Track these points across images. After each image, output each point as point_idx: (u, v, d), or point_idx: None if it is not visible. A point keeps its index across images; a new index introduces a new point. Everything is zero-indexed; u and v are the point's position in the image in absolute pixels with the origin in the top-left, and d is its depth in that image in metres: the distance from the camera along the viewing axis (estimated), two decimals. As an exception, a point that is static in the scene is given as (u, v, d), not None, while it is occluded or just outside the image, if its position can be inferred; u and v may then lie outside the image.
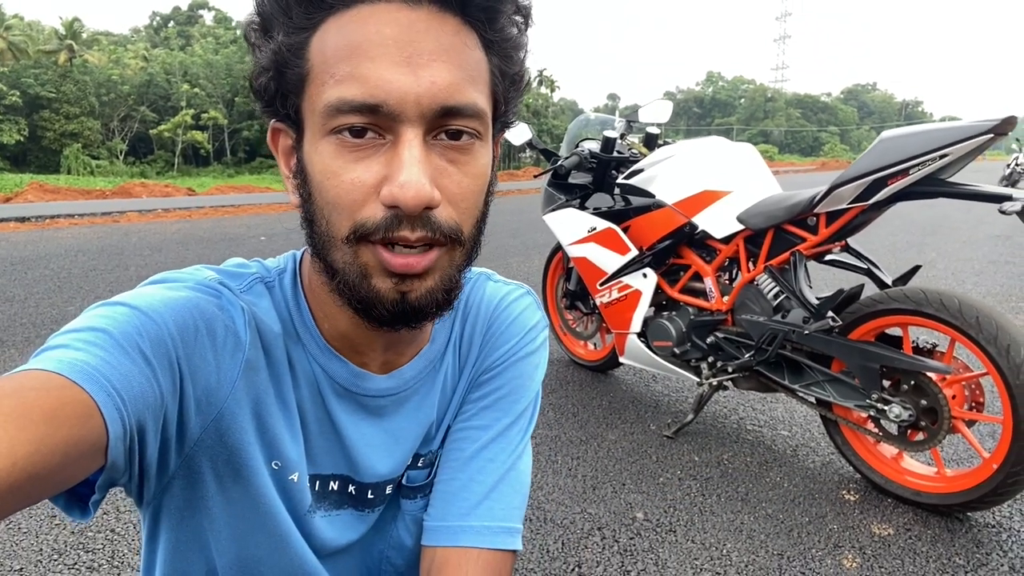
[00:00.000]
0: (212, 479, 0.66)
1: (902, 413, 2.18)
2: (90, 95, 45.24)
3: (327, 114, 0.55)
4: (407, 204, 0.54)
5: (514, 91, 0.65)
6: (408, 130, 0.55)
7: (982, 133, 1.93)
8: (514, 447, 0.79)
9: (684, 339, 2.82)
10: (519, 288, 0.87)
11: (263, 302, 0.69)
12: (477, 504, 0.75)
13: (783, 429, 2.94)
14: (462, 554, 0.72)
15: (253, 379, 0.66)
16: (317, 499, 0.74)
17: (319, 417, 0.72)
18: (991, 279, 6.20)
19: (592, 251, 3.01)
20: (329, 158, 0.56)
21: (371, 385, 0.73)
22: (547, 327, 0.87)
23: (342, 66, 0.55)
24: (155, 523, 0.71)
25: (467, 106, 0.57)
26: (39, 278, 6.02)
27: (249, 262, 0.73)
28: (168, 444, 0.60)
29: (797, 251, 2.44)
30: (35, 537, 2.04)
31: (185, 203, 14.86)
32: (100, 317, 0.56)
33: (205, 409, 0.62)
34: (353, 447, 0.74)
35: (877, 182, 2.13)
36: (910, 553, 2.04)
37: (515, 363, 0.81)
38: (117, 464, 0.52)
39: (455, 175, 0.58)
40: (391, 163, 0.55)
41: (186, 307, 0.61)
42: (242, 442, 0.66)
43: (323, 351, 0.71)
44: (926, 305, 2.11)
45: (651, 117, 3.19)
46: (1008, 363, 1.98)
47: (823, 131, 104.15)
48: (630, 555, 2.02)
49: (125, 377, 0.52)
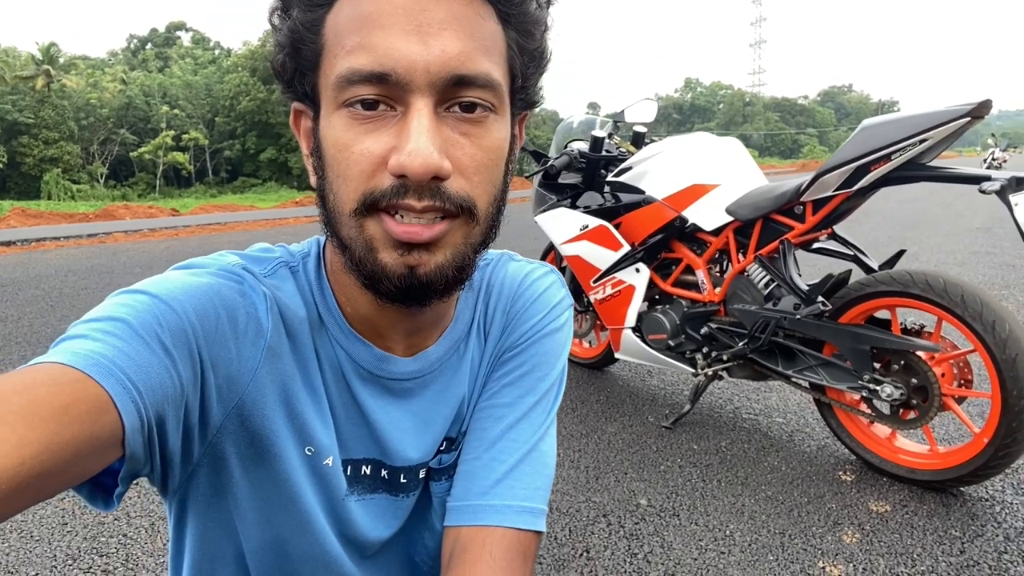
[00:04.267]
0: (237, 464, 0.66)
1: (893, 392, 2.24)
2: (69, 120, 44.97)
3: (338, 86, 0.56)
4: (414, 172, 0.54)
5: (534, 67, 0.64)
6: (418, 99, 0.55)
7: (959, 117, 2.00)
8: (537, 427, 0.77)
9: (678, 331, 2.88)
10: (543, 266, 0.86)
11: (287, 286, 0.69)
12: (497, 483, 0.73)
13: (778, 416, 3.00)
14: (485, 533, 0.70)
15: (277, 365, 0.66)
16: (351, 483, 0.74)
17: (345, 402, 0.72)
18: (973, 269, 6.32)
19: (585, 249, 3.06)
20: (341, 131, 0.57)
21: (396, 368, 0.73)
22: (571, 306, 0.86)
23: (353, 37, 0.55)
24: (182, 511, 0.71)
25: (479, 75, 0.56)
26: (31, 298, 6.00)
27: (273, 247, 0.73)
28: (191, 433, 0.60)
29: (786, 240, 2.51)
30: (48, 544, 2.06)
31: (171, 223, 14.81)
32: (121, 306, 0.56)
33: (227, 396, 0.62)
34: (382, 431, 0.74)
35: (860, 169, 2.20)
36: (907, 527, 2.10)
37: (539, 340, 0.80)
38: (136, 455, 0.52)
39: (467, 147, 0.58)
40: (400, 133, 0.55)
41: (207, 294, 0.61)
42: (268, 428, 0.66)
43: (347, 335, 0.70)
44: (912, 286, 2.18)
45: (637, 117, 3.25)
46: (994, 339, 2.04)
47: (802, 133, 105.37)
48: (636, 539, 2.06)
49: (143, 368, 0.52)
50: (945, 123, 2.02)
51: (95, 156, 48.09)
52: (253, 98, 48.37)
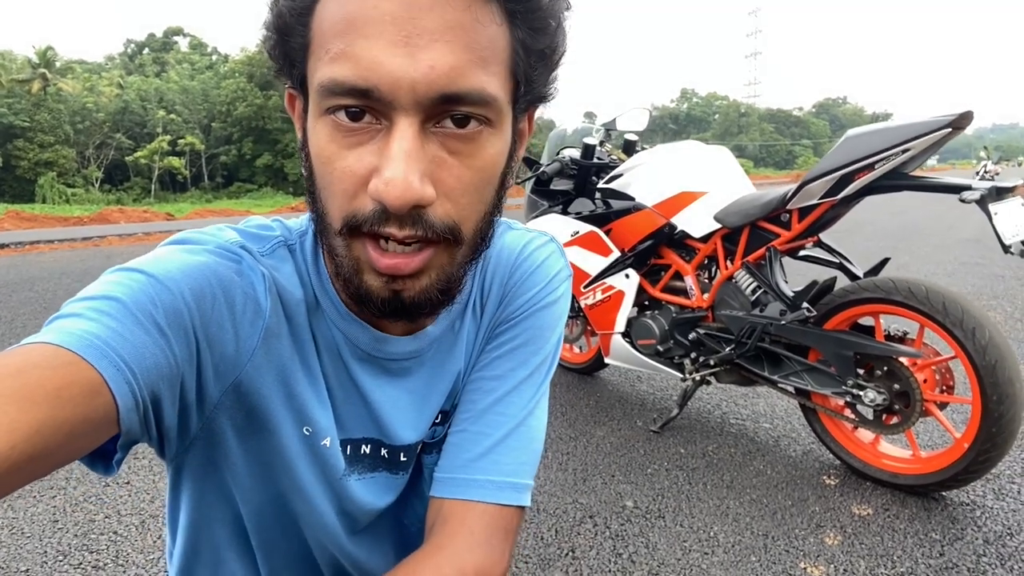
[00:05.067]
0: (232, 434, 0.66)
1: (877, 397, 2.28)
2: (65, 123, 44.91)
3: (321, 94, 0.53)
4: (391, 204, 0.52)
5: (542, 66, 0.59)
6: (402, 119, 0.52)
7: (941, 128, 2.04)
8: (527, 401, 0.76)
9: (667, 337, 2.91)
10: (542, 235, 0.83)
11: (285, 267, 0.68)
12: (483, 456, 0.73)
13: (765, 422, 3.04)
14: (466, 507, 0.71)
15: (275, 346, 0.65)
16: (350, 463, 0.74)
17: (343, 383, 0.72)
18: (962, 280, 6.37)
19: (575, 254, 3.10)
20: (325, 140, 0.54)
21: (394, 348, 0.72)
22: (570, 276, 0.84)
23: (337, 42, 0.51)
24: (178, 475, 0.73)
25: (471, 92, 0.52)
26: (25, 300, 6.01)
27: (271, 223, 0.71)
28: (188, 410, 0.60)
29: (772, 247, 2.55)
30: (39, 540, 2.08)
31: (166, 227, 14.83)
32: (115, 284, 0.55)
33: (224, 375, 0.62)
34: (380, 410, 0.74)
35: (844, 178, 2.25)
36: (889, 530, 2.13)
37: (535, 312, 0.78)
38: (133, 431, 0.52)
39: (455, 167, 0.55)
40: (382, 152, 0.52)
41: (204, 273, 0.59)
42: (265, 408, 0.66)
43: (344, 317, 0.69)
44: (895, 293, 2.22)
45: (628, 125, 3.30)
46: (974, 345, 2.08)
47: (796, 144, 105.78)
48: (621, 539, 2.09)
49: (137, 348, 0.51)
50: (927, 134, 2.06)
51: (90, 160, 48.02)
52: (250, 104, 48.42)
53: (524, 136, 0.66)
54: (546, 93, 0.63)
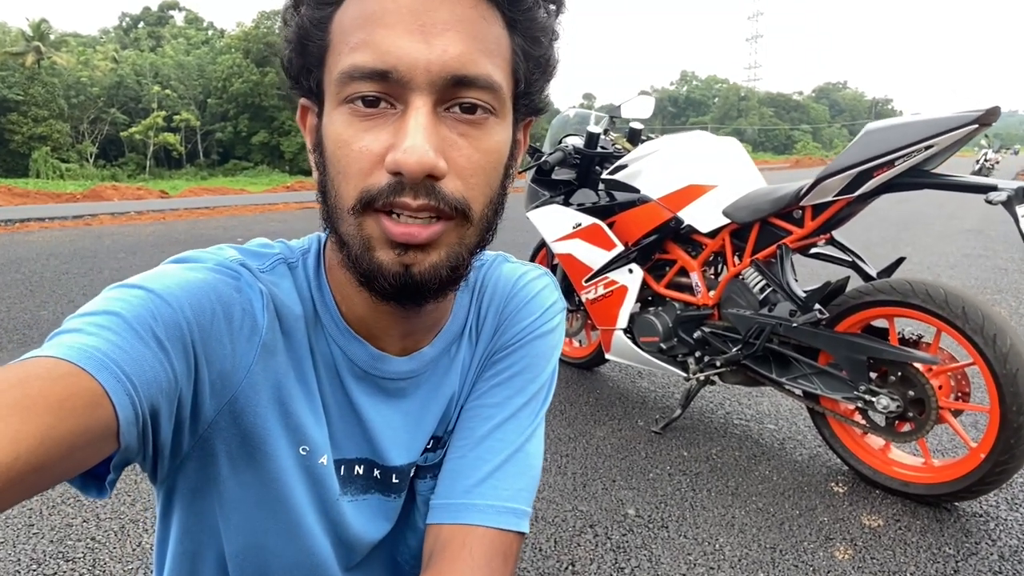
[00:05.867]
0: (225, 461, 0.66)
1: (890, 404, 2.19)
2: (59, 97, 44.33)
3: (341, 82, 0.56)
4: (409, 169, 0.54)
5: (539, 74, 0.64)
6: (417, 98, 0.55)
7: (967, 124, 1.94)
8: (524, 428, 0.78)
9: (671, 334, 2.82)
10: (537, 269, 0.86)
11: (285, 283, 0.69)
12: (481, 482, 0.73)
13: (770, 423, 2.95)
14: (466, 532, 0.71)
15: (271, 363, 0.66)
16: (343, 484, 0.74)
17: (338, 400, 0.72)
18: (966, 272, 6.29)
19: (577, 247, 2.99)
20: (342, 127, 0.57)
21: (391, 368, 0.73)
22: (564, 309, 0.86)
23: (357, 34, 0.55)
24: (168, 502, 0.72)
25: (479, 77, 0.56)
26: (10, 282, 5.87)
27: (273, 242, 0.74)
28: (182, 426, 0.61)
29: (783, 244, 2.44)
30: (12, 547, 1.98)
31: (159, 205, 14.63)
32: (115, 300, 0.56)
33: (220, 392, 0.62)
34: (374, 430, 0.74)
35: (863, 174, 2.14)
36: (901, 544, 2.05)
37: (530, 342, 0.80)
38: (131, 447, 0.52)
39: (465, 148, 0.58)
40: (398, 132, 0.55)
41: (203, 290, 0.61)
42: (259, 427, 0.66)
43: (343, 333, 0.70)
44: (912, 296, 2.12)
45: (633, 113, 3.18)
46: (995, 352, 1.99)
47: (796, 129, 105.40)
48: (623, 552, 2.00)
49: (137, 362, 0.52)
50: (952, 130, 1.95)
51: (85, 135, 47.58)
52: (246, 80, 47.79)
53: (521, 147, 0.69)
54: (541, 104, 0.67)
